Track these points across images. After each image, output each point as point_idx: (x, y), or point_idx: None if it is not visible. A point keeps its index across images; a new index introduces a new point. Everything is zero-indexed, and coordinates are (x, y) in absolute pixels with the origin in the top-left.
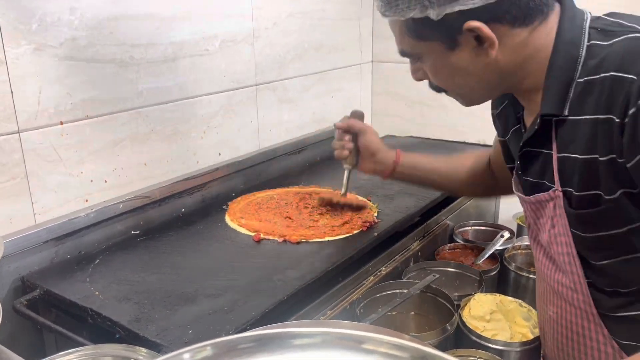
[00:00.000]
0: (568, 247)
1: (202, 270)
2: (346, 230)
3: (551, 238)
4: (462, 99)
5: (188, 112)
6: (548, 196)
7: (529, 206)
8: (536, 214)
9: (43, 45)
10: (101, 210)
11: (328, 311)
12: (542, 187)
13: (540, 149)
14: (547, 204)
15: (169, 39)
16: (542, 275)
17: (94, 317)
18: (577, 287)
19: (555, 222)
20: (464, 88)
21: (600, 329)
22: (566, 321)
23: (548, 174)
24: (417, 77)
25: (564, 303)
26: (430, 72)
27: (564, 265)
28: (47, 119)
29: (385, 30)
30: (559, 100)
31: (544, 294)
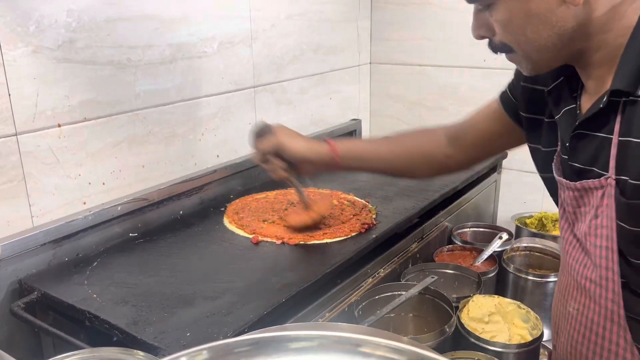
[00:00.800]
0: (609, 240)
1: (200, 273)
2: (344, 232)
3: (591, 229)
4: (528, 60)
5: (186, 114)
6: (599, 183)
7: (572, 193)
8: (578, 202)
9: (40, 48)
10: (99, 213)
11: (326, 313)
12: (590, 174)
13: (597, 133)
14: (595, 192)
15: (166, 40)
16: (567, 269)
17: (91, 319)
18: (609, 285)
19: (599, 212)
20: (534, 44)
21: (624, 333)
22: (587, 319)
23: (601, 160)
24: (479, 34)
25: (588, 300)
26: (499, 23)
27: (598, 259)
28: (45, 122)
29: (383, 32)
30: (635, 78)
31: (566, 289)
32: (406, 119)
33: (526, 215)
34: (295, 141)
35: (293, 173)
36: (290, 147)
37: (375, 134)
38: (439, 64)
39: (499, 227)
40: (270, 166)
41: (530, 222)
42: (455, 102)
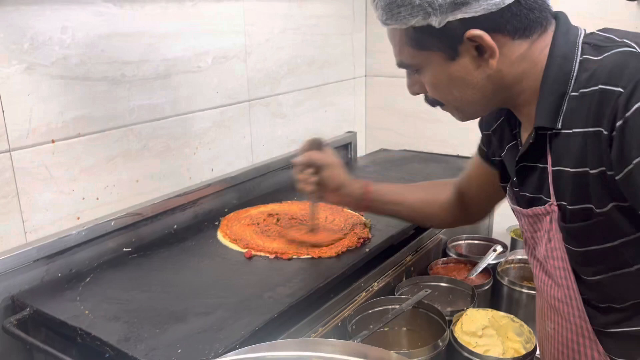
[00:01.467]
0: (563, 262)
1: (192, 288)
2: (338, 247)
3: (548, 252)
4: (458, 112)
5: (180, 129)
6: (545, 210)
7: (527, 220)
8: (533, 227)
9: (34, 64)
10: (92, 228)
11: (319, 328)
12: (539, 201)
13: (536, 163)
14: (544, 217)
15: (160, 56)
16: (539, 291)
17: (83, 336)
18: (573, 303)
19: (551, 236)
20: (462, 101)
21: (596, 346)
22: (563, 337)
23: (545, 188)
24: (414, 91)
25: (560, 319)
26: (428, 84)
27: (559, 279)
28: (39, 137)
29: (378, 45)
30: (552, 114)
31: (542, 310)
32: (401, 130)
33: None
34: (339, 170)
35: (317, 193)
36: (333, 170)
37: (370, 147)
38: None
39: (494, 239)
40: (303, 176)
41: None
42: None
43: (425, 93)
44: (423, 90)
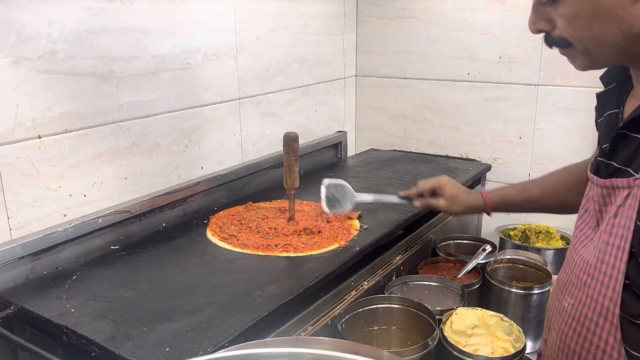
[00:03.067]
0: (623, 240)
1: (181, 286)
2: (328, 245)
3: (607, 227)
4: (585, 57)
5: (170, 126)
6: (626, 183)
7: (600, 191)
8: (605, 200)
9: (21, 58)
10: (80, 225)
11: (309, 327)
12: (624, 174)
13: (638, 134)
14: (621, 191)
15: (150, 52)
16: (571, 265)
17: (69, 335)
18: (610, 283)
19: (620, 211)
20: (600, 40)
21: (615, 332)
22: (580, 314)
23: (636, 162)
24: (537, 28)
25: (585, 296)
26: (565, 17)
27: (607, 256)
28: (25, 133)
29: (369, 46)
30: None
31: (565, 285)
32: (391, 131)
33: (510, 228)
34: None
35: None
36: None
37: (360, 146)
38: (423, 77)
39: (483, 239)
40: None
41: (514, 234)
42: (438, 115)
43: (550, 30)
44: (549, 26)
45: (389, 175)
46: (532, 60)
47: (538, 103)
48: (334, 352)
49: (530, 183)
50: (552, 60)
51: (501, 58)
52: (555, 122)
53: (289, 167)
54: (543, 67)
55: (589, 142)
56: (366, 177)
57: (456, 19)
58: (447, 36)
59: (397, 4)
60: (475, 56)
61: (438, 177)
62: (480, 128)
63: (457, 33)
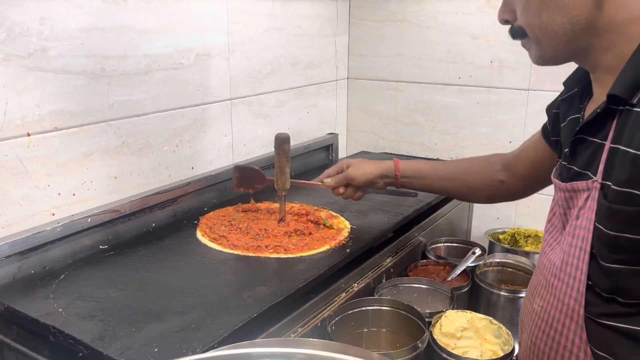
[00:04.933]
0: (584, 241)
1: (170, 287)
2: (318, 247)
3: (571, 229)
4: (538, 46)
5: (161, 126)
6: (585, 185)
7: (563, 194)
8: (568, 203)
9: (11, 55)
10: (68, 224)
11: (299, 329)
12: (583, 177)
13: (594, 138)
14: (581, 194)
15: (142, 51)
16: (540, 268)
17: (56, 335)
18: (575, 284)
19: (581, 214)
20: (548, 29)
21: (580, 332)
22: (549, 316)
23: (594, 165)
24: (503, 19)
25: (552, 298)
26: (520, 4)
27: (570, 258)
28: (14, 131)
29: (361, 48)
30: (632, 86)
31: (535, 287)
32: (382, 134)
33: (499, 231)
34: (363, 168)
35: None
36: (358, 176)
37: (351, 149)
38: (415, 80)
39: (473, 242)
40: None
41: (503, 237)
42: (430, 118)
43: (514, 21)
44: (513, 17)
45: None
46: (522, 65)
47: (528, 107)
48: (325, 352)
49: (442, 162)
50: None
51: (492, 62)
52: None
53: (280, 168)
54: (533, 72)
55: None
56: None
57: (448, 23)
58: (439, 40)
59: (390, 7)
60: (466, 60)
61: None
62: (470, 132)
63: (448, 37)
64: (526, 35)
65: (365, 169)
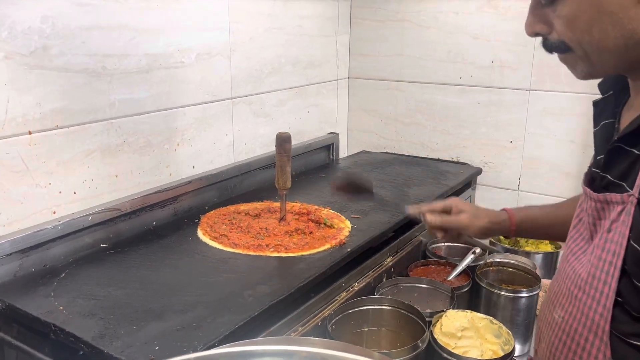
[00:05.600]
0: (615, 256)
1: (171, 285)
2: (319, 246)
3: (601, 242)
4: (585, 62)
5: (162, 124)
6: (620, 199)
7: (594, 204)
8: (599, 214)
9: (12, 53)
10: (69, 223)
11: (299, 327)
12: (618, 188)
13: (633, 149)
14: (615, 206)
15: (143, 50)
16: (563, 276)
17: (57, 333)
18: (602, 299)
19: (613, 227)
20: (600, 44)
21: (605, 348)
22: (570, 328)
23: (631, 177)
24: (533, 31)
25: (575, 310)
26: (564, 19)
27: (599, 272)
28: (15, 128)
29: (362, 48)
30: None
31: (556, 296)
32: (383, 133)
33: None
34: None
35: None
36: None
37: (352, 148)
38: (416, 80)
39: (473, 242)
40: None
41: (503, 237)
42: (430, 118)
43: (548, 33)
44: (547, 29)
45: (380, 178)
46: (523, 65)
47: (529, 108)
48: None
49: (555, 206)
50: (543, 66)
51: (493, 62)
52: (546, 126)
53: (281, 167)
54: (534, 72)
55: (579, 147)
56: None
57: (449, 23)
58: (439, 40)
59: (391, 7)
60: (467, 60)
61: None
62: (471, 132)
63: (449, 37)
64: (569, 50)
65: (479, 224)
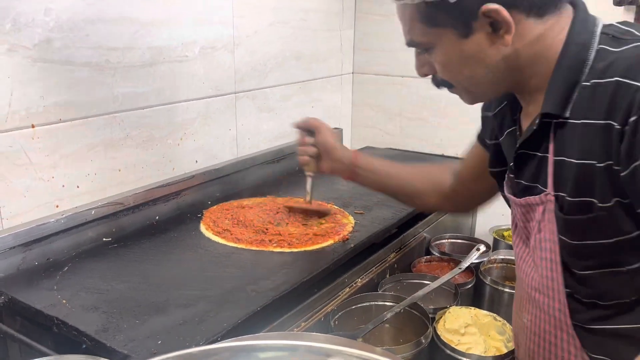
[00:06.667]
0: (552, 253)
1: (174, 280)
2: (323, 241)
3: (536, 243)
4: (468, 94)
5: (165, 118)
6: (539, 199)
7: (520, 209)
8: (526, 217)
9: (16, 46)
10: (72, 216)
11: (302, 323)
12: (534, 190)
13: (536, 152)
14: (537, 207)
15: (147, 43)
16: (520, 282)
17: (59, 326)
18: (555, 295)
19: (542, 226)
20: (472, 81)
21: (573, 341)
22: (540, 329)
23: (542, 178)
24: (423, 72)
25: (538, 311)
26: (439, 64)
27: (545, 271)
28: (18, 122)
29: (366, 43)
30: (561, 101)
31: (520, 301)
32: (387, 129)
33: (504, 228)
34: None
35: (314, 166)
36: (326, 134)
37: (356, 144)
38: None
39: (477, 239)
40: (302, 148)
41: (507, 234)
42: (435, 114)
43: (434, 74)
44: (432, 70)
45: None
46: None
47: None
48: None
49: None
50: None
51: None
52: None
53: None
54: None
55: None
56: None
57: None
58: None
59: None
60: None
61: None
62: (476, 127)
63: None
64: (452, 85)
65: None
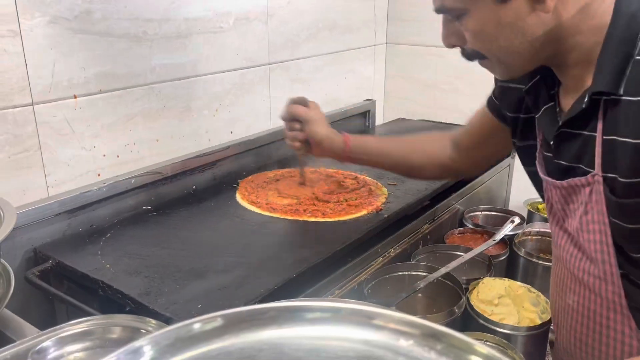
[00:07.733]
0: (602, 235)
1: (212, 247)
2: (357, 212)
3: (582, 225)
4: (501, 66)
5: (200, 90)
6: (585, 181)
7: (559, 191)
8: (566, 199)
9: (57, 18)
10: (113, 185)
11: (336, 290)
12: (576, 171)
13: (580, 131)
14: (583, 189)
15: (182, 15)
16: (563, 262)
17: (104, 289)
18: (608, 278)
19: (589, 208)
20: (507, 52)
21: (628, 322)
22: (589, 311)
23: (586, 158)
24: (450, 43)
25: (587, 292)
26: (470, 32)
27: (594, 253)
28: (61, 92)
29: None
30: (615, 78)
31: (563, 281)
32: (420, 100)
33: (538, 201)
34: (320, 125)
35: (304, 149)
36: (314, 127)
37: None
38: None
39: (511, 211)
40: (291, 134)
41: (542, 207)
42: (470, 85)
43: (463, 45)
44: (461, 41)
45: None
46: None
47: None
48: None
49: (390, 138)
50: None
51: None
52: None
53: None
54: None
55: None
56: None
57: None
58: None
59: None
60: None
61: None
62: None
63: None
64: (484, 57)
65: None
